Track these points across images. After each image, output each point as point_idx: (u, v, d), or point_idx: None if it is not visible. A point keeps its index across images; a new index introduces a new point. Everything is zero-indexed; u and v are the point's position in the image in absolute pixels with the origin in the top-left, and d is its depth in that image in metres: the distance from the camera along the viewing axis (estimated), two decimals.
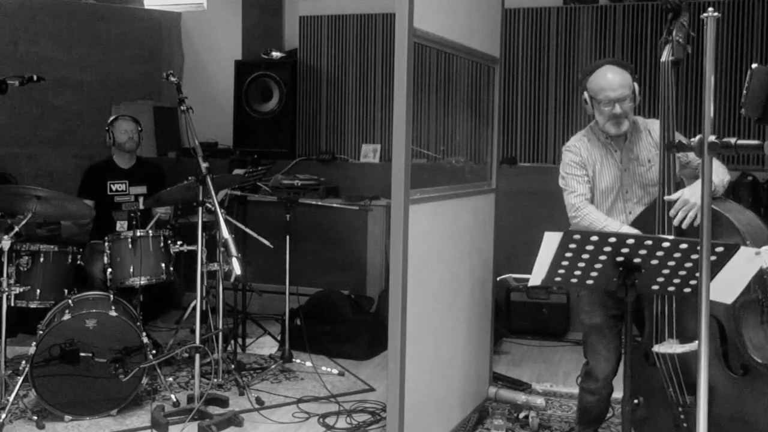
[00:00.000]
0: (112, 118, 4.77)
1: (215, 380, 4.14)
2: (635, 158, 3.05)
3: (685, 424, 2.74)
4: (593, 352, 3.09)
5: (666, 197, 2.78)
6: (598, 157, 3.08)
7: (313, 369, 4.43)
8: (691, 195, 2.73)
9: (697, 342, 2.63)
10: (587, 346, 3.13)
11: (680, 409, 2.76)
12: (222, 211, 3.65)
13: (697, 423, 2.00)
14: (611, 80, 2.94)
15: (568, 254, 2.37)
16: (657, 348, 2.76)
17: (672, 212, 2.75)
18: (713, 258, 2.25)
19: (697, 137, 2.00)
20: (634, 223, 2.95)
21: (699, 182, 2.77)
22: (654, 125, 3.07)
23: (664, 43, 2.85)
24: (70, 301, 3.83)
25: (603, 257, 2.37)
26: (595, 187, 3.08)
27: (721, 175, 2.83)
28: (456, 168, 5.19)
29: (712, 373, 2.68)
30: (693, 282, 2.39)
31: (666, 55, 2.82)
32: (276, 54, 6.21)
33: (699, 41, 2.76)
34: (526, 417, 3.70)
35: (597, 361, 3.08)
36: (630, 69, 3.01)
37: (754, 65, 2.14)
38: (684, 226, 2.73)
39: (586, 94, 3.03)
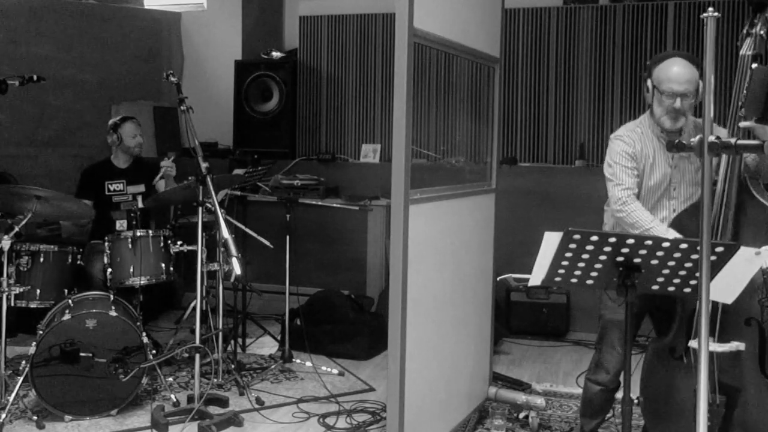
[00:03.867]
0: (118, 119, 4.75)
1: (215, 380, 4.14)
2: (686, 156, 2.98)
3: (709, 423, 2.73)
4: (609, 346, 3.09)
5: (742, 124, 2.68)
6: (651, 152, 3.00)
7: (313, 369, 4.43)
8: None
9: (736, 343, 2.65)
10: (604, 340, 3.11)
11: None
12: (222, 211, 3.66)
13: (697, 423, 2.00)
14: (679, 73, 2.87)
15: (568, 254, 2.36)
16: (695, 344, 2.71)
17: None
18: (713, 258, 2.25)
19: (697, 137, 2.00)
20: (674, 224, 2.89)
21: None
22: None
23: (746, 36, 2.75)
24: (70, 301, 3.83)
25: (603, 257, 2.36)
26: (643, 183, 3.01)
27: None
28: (456, 168, 5.19)
29: (744, 375, 2.68)
30: (693, 282, 2.39)
31: (746, 49, 2.72)
32: (276, 54, 6.22)
33: (699, 41, 2.75)
34: (526, 417, 3.70)
35: (611, 355, 3.08)
36: (700, 66, 2.92)
37: (754, 65, 2.13)
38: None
39: (649, 82, 2.95)
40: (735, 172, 2.73)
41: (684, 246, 2.29)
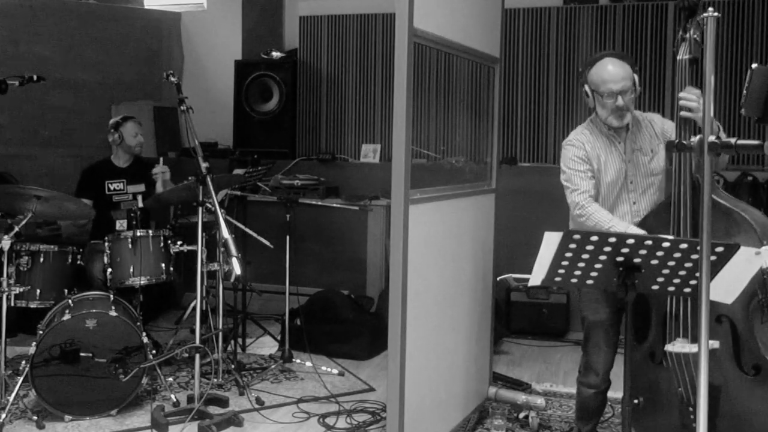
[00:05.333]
0: (119, 118, 4.76)
1: (215, 380, 4.14)
2: (638, 149, 3.04)
3: (694, 424, 2.74)
4: (595, 347, 3.10)
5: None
6: (602, 150, 3.05)
7: (313, 369, 4.43)
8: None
9: (711, 342, 2.66)
10: (589, 342, 3.12)
11: (690, 408, 2.75)
12: (222, 211, 3.65)
13: (697, 422, 2.00)
14: (613, 72, 2.92)
15: (568, 254, 2.37)
16: (671, 348, 2.74)
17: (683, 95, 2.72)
18: (713, 258, 2.25)
19: (697, 137, 2.00)
20: (641, 225, 2.92)
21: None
22: (653, 117, 3.11)
23: (681, 41, 2.81)
24: (70, 301, 3.83)
25: (603, 257, 2.36)
26: (601, 181, 3.05)
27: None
28: (456, 168, 5.19)
29: (723, 372, 2.69)
30: (693, 282, 2.39)
31: (682, 53, 2.78)
32: (276, 54, 6.22)
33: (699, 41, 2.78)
34: (526, 417, 3.70)
35: (598, 356, 3.09)
36: (630, 61, 2.99)
37: (754, 65, 2.14)
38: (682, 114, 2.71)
39: (587, 87, 3.00)
40: (687, 173, 2.75)
41: (684, 246, 2.29)
